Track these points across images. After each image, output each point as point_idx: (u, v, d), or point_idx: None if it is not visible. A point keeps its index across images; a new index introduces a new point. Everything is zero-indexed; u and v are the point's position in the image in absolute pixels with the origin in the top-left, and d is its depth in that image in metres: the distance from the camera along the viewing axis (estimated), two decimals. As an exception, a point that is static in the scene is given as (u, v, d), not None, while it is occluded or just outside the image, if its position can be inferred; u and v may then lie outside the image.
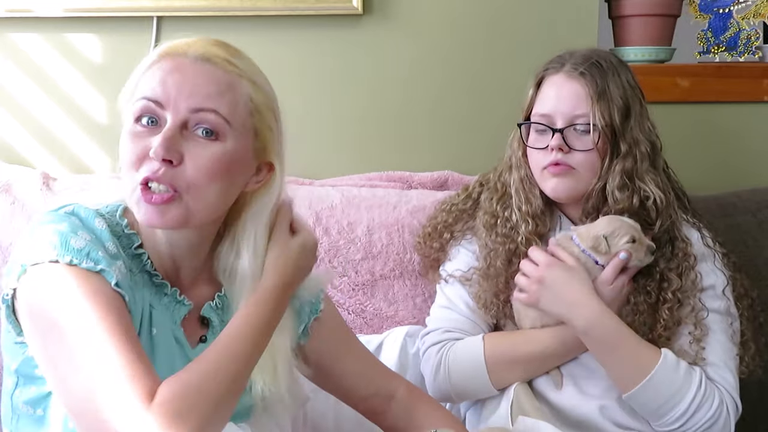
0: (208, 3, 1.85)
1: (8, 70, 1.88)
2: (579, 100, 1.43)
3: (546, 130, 1.45)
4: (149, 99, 1.03)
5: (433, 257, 1.62)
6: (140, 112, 1.03)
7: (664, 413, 1.37)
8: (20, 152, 1.89)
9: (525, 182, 1.50)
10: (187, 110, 1.02)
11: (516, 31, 1.92)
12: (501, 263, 1.48)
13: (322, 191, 1.79)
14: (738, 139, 2.04)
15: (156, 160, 1.00)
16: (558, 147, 1.43)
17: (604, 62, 1.46)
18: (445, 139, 1.94)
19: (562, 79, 1.45)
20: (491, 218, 1.52)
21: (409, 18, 1.90)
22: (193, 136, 1.03)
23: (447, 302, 1.54)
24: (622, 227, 1.40)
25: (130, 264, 1.06)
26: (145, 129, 1.03)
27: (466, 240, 1.57)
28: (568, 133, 1.43)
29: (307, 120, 1.90)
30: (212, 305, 1.14)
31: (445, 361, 1.47)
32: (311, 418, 1.46)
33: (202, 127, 1.03)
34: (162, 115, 1.03)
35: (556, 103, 1.45)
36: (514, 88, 1.90)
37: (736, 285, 1.50)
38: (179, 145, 1.01)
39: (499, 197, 1.53)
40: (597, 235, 1.40)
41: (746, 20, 2.11)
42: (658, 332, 1.41)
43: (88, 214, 1.05)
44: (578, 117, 1.43)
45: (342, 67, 1.91)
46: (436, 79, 1.93)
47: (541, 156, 1.46)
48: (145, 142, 1.02)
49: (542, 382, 1.47)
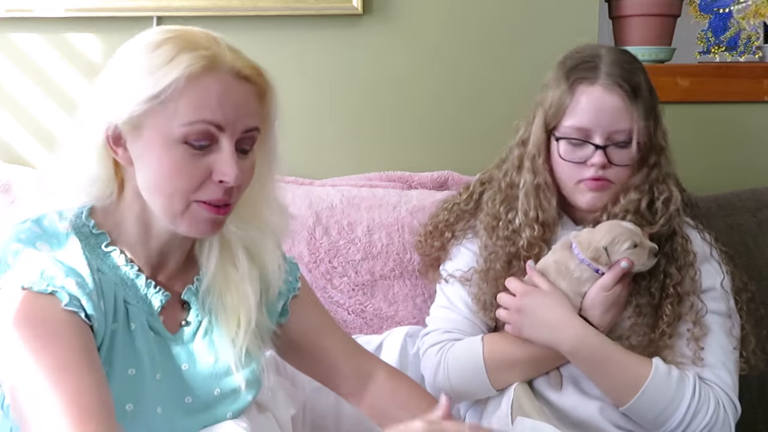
0: (208, 3, 1.85)
1: (8, 70, 1.88)
2: (619, 114, 1.40)
3: (585, 143, 1.42)
4: (210, 123, 1.02)
5: (433, 256, 1.61)
6: (198, 135, 1.02)
7: (662, 422, 1.37)
8: (20, 152, 1.89)
9: (541, 189, 1.46)
10: (241, 132, 1.05)
11: (516, 31, 1.92)
12: (501, 266, 1.47)
13: (322, 191, 1.79)
14: (738, 139, 2.04)
15: (230, 186, 1.03)
16: (602, 164, 1.40)
17: (632, 66, 1.44)
18: (445, 139, 1.94)
19: (600, 92, 1.40)
20: (493, 220, 1.51)
21: (409, 18, 1.90)
22: (237, 152, 1.05)
23: (447, 302, 1.54)
24: (623, 234, 1.38)
25: (99, 264, 1.06)
26: (199, 151, 1.03)
27: (467, 240, 1.56)
28: (608, 148, 1.41)
29: (307, 120, 1.90)
30: (192, 288, 1.15)
31: (444, 361, 1.47)
32: (311, 418, 1.46)
33: (247, 142, 1.07)
34: (216, 137, 1.03)
35: (596, 118, 1.40)
36: (514, 88, 1.92)
37: (735, 279, 1.50)
38: (238, 166, 1.05)
39: (503, 199, 1.50)
40: (597, 247, 1.39)
41: (746, 20, 2.10)
42: (660, 329, 1.41)
43: (52, 221, 1.06)
44: (618, 132, 1.41)
45: (342, 67, 1.91)
46: (436, 79, 1.93)
47: (576, 169, 1.43)
48: (203, 163, 1.03)
49: (542, 382, 1.46)
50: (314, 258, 1.71)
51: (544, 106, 1.46)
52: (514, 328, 1.42)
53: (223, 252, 1.15)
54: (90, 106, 1.06)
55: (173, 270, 1.15)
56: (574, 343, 1.38)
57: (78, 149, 1.07)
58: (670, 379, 1.37)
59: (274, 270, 1.19)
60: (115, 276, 1.08)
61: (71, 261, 1.03)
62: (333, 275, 1.72)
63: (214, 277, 1.15)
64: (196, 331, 1.14)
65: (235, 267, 1.16)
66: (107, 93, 1.04)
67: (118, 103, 1.02)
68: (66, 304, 0.98)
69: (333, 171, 1.90)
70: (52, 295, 0.98)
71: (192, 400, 1.13)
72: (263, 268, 1.18)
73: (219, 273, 1.15)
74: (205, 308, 1.14)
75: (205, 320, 1.15)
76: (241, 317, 1.14)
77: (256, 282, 1.17)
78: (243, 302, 1.14)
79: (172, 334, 1.13)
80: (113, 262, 1.09)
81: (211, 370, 1.14)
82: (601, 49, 1.46)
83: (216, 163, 1.03)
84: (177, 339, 1.13)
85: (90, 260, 1.05)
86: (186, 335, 1.14)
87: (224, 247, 1.16)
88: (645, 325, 1.42)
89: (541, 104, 1.47)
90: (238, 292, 1.15)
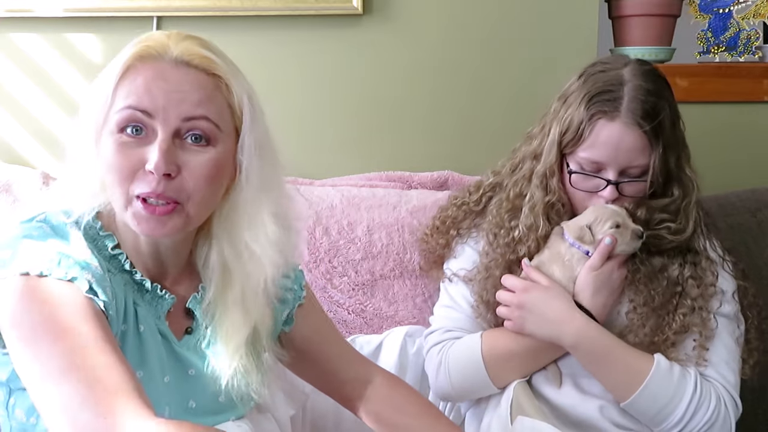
0: (208, 3, 1.85)
1: (8, 70, 1.88)
2: (637, 152, 1.38)
3: (597, 176, 1.40)
4: (136, 108, 1.00)
5: (437, 253, 1.61)
6: (125, 122, 1.01)
7: (663, 419, 1.37)
8: (20, 152, 1.89)
9: (555, 208, 1.45)
10: (178, 119, 1.01)
11: (516, 31, 1.92)
12: (500, 273, 1.47)
13: (322, 191, 1.79)
14: (738, 139, 2.04)
15: (156, 175, 0.99)
16: (612, 198, 1.40)
17: (657, 98, 1.39)
18: (445, 139, 1.94)
19: (620, 130, 1.37)
20: (495, 227, 1.50)
21: (409, 18, 1.90)
22: (185, 144, 1.02)
23: (450, 301, 1.54)
24: (605, 214, 1.40)
25: (107, 266, 1.06)
26: (133, 139, 1.01)
27: (472, 239, 1.56)
28: (621, 180, 1.40)
29: (307, 120, 1.90)
30: (197, 297, 1.14)
31: (445, 360, 1.47)
32: (311, 419, 1.46)
33: (194, 134, 1.02)
34: (149, 125, 1.01)
35: (613, 154, 1.38)
36: (514, 88, 1.92)
37: (747, 293, 1.49)
38: (175, 156, 1.01)
39: (509, 208, 1.50)
40: (581, 226, 1.41)
41: (746, 20, 2.11)
42: (665, 335, 1.41)
43: (59, 220, 1.05)
44: (633, 167, 1.39)
45: (342, 67, 1.91)
46: (436, 79, 1.93)
47: (587, 197, 1.43)
48: (136, 153, 1.00)
49: (542, 381, 1.47)
50: (314, 258, 1.71)
51: (560, 124, 1.42)
52: (515, 325, 1.42)
53: (223, 274, 1.12)
54: (84, 115, 1.06)
55: (175, 276, 1.14)
56: (577, 337, 1.38)
57: (82, 156, 1.07)
58: (671, 375, 1.37)
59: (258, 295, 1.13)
60: (123, 278, 1.08)
61: (84, 257, 1.01)
62: (333, 275, 1.72)
63: (214, 299, 1.12)
64: (200, 339, 1.14)
65: (233, 291, 1.12)
66: (91, 101, 1.05)
67: (94, 110, 1.04)
68: (86, 291, 0.97)
69: (333, 171, 1.89)
70: (71, 282, 0.97)
71: (196, 405, 1.12)
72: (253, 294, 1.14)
73: (218, 296, 1.12)
74: (208, 321, 1.13)
75: (209, 330, 1.13)
76: (230, 345, 1.12)
77: (250, 309, 1.13)
78: (234, 330, 1.12)
79: (178, 340, 1.12)
80: (120, 264, 1.08)
81: (215, 377, 1.12)
82: (625, 72, 1.40)
83: (148, 152, 1.00)
84: (182, 345, 1.12)
85: (99, 260, 1.04)
86: (191, 342, 1.13)
87: (224, 270, 1.12)
88: (642, 326, 1.41)
89: (558, 120, 1.43)
90: (230, 320, 1.12)
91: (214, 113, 1.03)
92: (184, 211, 1.03)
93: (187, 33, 1.07)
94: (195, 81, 1.02)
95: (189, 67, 1.03)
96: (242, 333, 1.11)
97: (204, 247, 1.13)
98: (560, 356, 1.45)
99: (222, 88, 1.05)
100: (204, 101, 1.02)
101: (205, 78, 1.03)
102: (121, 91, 1.02)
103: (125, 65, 1.02)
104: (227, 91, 1.05)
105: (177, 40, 1.04)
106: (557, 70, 1.86)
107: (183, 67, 1.02)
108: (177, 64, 1.02)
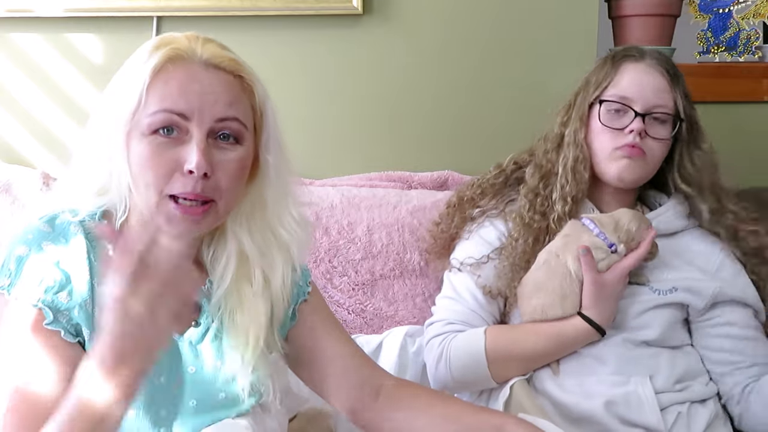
0: (208, 3, 1.85)
1: (8, 70, 1.88)
2: (662, 90, 1.49)
3: (625, 111, 1.48)
4: (172, 111, 1.03)
5: (449, 233, 1.61)
6: (161, 124, 1.03)
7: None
8: (20, 152, 1.89)
9: (579, 162, 1.51)
10: (212, 120, 1.04)
11: (516, 31, 1.92)
12: (531, 240, 1.50)
13: (322, 191, 1.79)
14: (738, 139, 2.04)
15: (196, 174, 1.02)
16: (640, 130, 1.46)
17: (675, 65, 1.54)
18: (445, 139, 1.94)
19: (645, 68, 1.50)
20: (530, 193, 1.54)
21: (409, 18, 1.90)
22: (218, 144, 1.05)
23: (453, 293, 1.54)
24: (645, 222, 1.45)
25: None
26: (167, 140, 1.03)
27: (484, 227, 1.56)
28: (646, 120, 1.47)
29: (308, 120, 1.90)
30: (203, 290, 1.15)
31: (446, 352, 1.47)
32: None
33: (226, 134, 1.06)
34: (183, 126, 1.03)
35: (639, 89, 1.48)
36: (514, 88, 1.92)
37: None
38: (211, 155, 1.04)
39: (542, 174, 1.54)
40: (630, 230, 1.44)
41: (746, 20, 2.11)
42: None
43: (64, 219, 1.06)
44: (658, 106, 1.48)
45: (342, 67, 1.91)
46: (436, 78, 1.93)
47: (614, 137, 1.49)
48: (170, 154, 1.03)
49: (544, 378, 1.46)
50: (314, 257, 1.71)
51: (587, 88, 1.54)
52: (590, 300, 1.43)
53: (240, 267, 1.14)
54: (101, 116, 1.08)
55: None
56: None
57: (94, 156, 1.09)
58: None
59: (277, 287, 1.16)
60: None
61: (72, 266, 1.03)
62: (333, 275, 1.72)
63: (228, 292, 1.13)
64: (205, 333, 1.13)
65: (250, 284, 1.14)
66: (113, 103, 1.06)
67: (121, 112, 1.05)
68: (47, 323, 1.00)
69: (333, 171, 1.90)
70: (39, 310, 1.00)
71: (196, 403, 1.12)
72: (274, 286, 1.17)
73: (233, 289, 1.13)
74: (217, 315, 1.13)
75: (216, 324, 1.13)
76: (250, 336, 1.13)
77: (268, 300, 1.15)
78: (254, 321, 1.13)
79: (181, 333, 1.12)
80: None
81: (218, 374, 1.12)
82: (644, 47, 1.57)
83: (184, 152, 1.03)
84: (185, 339, 1.12)
85: (93, 264, 1.05)
86: (195, 336, 1.13)
87: (242, 263, 1.14)
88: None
89: (584, 88, 1.54)
90: (249, 311, 1.13)
91: (242, 113, 1.07)
92: (217, 208, 1.06)
93: (204, 35, 1.09)
94: (225, 83, 1.06)
95: (218, 69, 1.06)
96: (256, 327, 1.13)
97: (214, 242, 1.15)
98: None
99: (246, 88, 1.08)
100: (234, 102, 1.06)
101: (232, 80, 1.07)
102: (154, 94, 1.03)
103: (155, 67, 1.04)
104: (250, 92, 1.09)
105: (201, 43, 1.07)
106: (557, 70, 1.87)
107: (212, 69, 1.05)
108: (207, 67, 1.05)
